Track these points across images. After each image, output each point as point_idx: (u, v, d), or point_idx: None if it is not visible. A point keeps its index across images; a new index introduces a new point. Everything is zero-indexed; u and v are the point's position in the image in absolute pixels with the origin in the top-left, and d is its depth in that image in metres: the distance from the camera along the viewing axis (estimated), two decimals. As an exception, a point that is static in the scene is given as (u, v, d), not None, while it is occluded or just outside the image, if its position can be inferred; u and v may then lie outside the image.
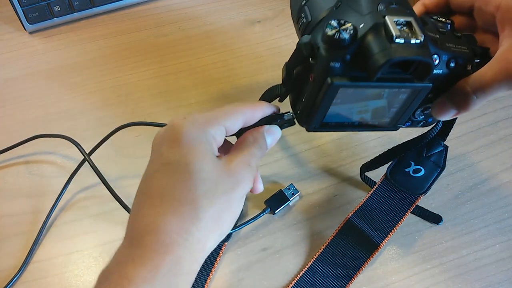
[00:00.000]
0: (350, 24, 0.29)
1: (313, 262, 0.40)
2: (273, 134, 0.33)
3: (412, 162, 0.41)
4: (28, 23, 0.60)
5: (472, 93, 0.31)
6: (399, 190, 0.41)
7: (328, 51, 0.29)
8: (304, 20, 0.36)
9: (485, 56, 0.32)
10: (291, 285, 0.39)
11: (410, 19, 0.29)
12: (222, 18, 0.62)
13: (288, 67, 0.32)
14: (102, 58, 0.58)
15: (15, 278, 0.40)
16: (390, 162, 0.42)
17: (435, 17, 0.33)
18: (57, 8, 0.60)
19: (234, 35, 0.59)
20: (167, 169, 0.27)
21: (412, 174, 0.41)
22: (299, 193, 0.44)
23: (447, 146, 0.42)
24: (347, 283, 0.39)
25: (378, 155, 0.43)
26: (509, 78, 0.29)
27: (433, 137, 0.40)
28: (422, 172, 0.41)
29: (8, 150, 0.48)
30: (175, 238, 0.26)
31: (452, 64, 0.31)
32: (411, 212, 0.42)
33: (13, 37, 0.61)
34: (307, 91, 0.32)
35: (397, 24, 0.28)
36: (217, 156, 0.29)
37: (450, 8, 0.35)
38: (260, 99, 0.44)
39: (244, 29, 0.60)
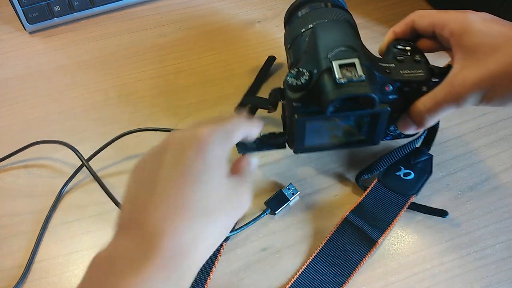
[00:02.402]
0: (306, 71, 0.36)
1: (312, 259, 0.40)
2: (253, 164, 0.36)
3: (402, 167, 0.44)
4: (28, 23, 0.60)
5: (425, 112, 0.36)
6: (391, 191, 0.43)
7: (291, 94, 0.36)
8: (289, 61, 0.44)
9: (444, 74, 0.36)
10: (290, 283, 0.39)
11: (354, 60, 0.34)
12: (222, 18, 0.62)
13: (271, 100, 0.39)
14: (102, 58, 0.58)
15: (21, 281, 0.40)
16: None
17: (398, 46, 0.38)
18: (57, 8, 0.60)
19: (234, 35, 0.59)
20: (188, 177, 0.28)
21: (403, 177, 0.44)
22: (299, 193, 0.44)
23: (432, 155, 0.45)
24: (346, 280, 0.39)
25: (368, 165, 0.45)
26: (454, 100, 0.34)
27: (418, 147, 0.44)
28: (412, 176, 0.44)
29: (7, 158, 0.48)
30: (189, 247, 0.27)
31: (406, 89, 0.36)
32: (417, 211, 0.43)
33: (13, 37, 0.61)
34: (288, 123, 0.39)
35: (341, 66, 0.34)
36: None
37: (418, 33, 0.39)
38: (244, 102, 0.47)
39: (244, 29, 0.60)
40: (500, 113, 0.50)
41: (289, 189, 0.44)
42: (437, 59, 0.39)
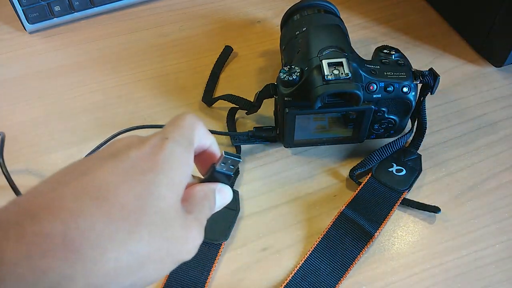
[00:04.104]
0: (298, 68, 0.39)
1: (309, 254, 0.40)
2: (223, 194, 0.28)
3: (394, 164, 0.45)
4: (28, 23, 0.60)
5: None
6: (385, 186, 0.44)
7: (283, 89, 0.39)
8: (283, 61, 0.47)
9: (424, 77, 0.41)
10: (288, 279, 0.39)
11: (342, 60, 0.37)
12: (222, 18, 0.62)
13: (259, 97, 0.43)
14: (102, 58, 0.58)
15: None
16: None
17: (384, 51, 0.42)
18: (57, 8, 0.60)
19: (234, 35, 0.60)
20: (128, 173, 0.22)
21: (395, 173, 0.45)
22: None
23: (420, 155, 0.46)
24: (344, 274, 0.39)
25: (361, 160, 0.45)
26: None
27: (406, 147, 0.46)
28: (404, 172, 0.45)
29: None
30: (85, 250, 0.19)
31: (390, 88, 0.40)
32: (410, 206, 0.43)
33: (13, 37, 0.61)
34: (279, 117, 0.42)
35: (330, 65, 0.37)
36: None
37: None
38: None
39: (244, 29, 0.60)
40: (500, 113, 0.50)
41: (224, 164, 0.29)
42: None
